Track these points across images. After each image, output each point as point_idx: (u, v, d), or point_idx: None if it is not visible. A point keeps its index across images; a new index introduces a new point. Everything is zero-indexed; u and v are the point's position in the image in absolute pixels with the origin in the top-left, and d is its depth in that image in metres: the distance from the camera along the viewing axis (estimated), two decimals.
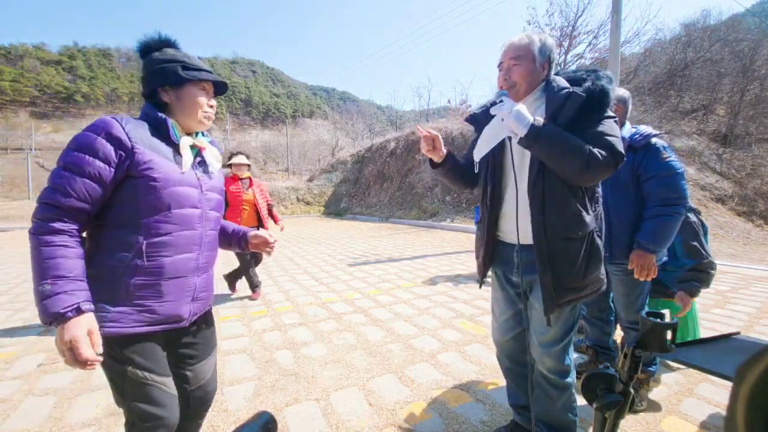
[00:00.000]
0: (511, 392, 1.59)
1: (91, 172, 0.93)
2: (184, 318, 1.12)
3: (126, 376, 1.00)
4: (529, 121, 1.17)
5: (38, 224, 0.91)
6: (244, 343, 2.72)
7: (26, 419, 1.82)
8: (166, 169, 1.03)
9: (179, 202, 1.06)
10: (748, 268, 5.08)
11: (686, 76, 14.53)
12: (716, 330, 2.88)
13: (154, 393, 1.03)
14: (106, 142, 0.95)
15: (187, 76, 1.08)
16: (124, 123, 0.99)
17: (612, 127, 1.19)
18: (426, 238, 9.05)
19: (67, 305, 0.87)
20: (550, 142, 1.15)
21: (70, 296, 0.88)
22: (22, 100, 61.59)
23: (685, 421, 1.74)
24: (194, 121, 1.13)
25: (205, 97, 1.14)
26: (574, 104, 1.17)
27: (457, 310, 3.45)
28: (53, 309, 0.86)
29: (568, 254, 1.22)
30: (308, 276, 4.98)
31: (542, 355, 1.36)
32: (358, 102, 78.65)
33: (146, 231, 1.01)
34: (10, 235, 11.16)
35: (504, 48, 1.30)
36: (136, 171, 0.98)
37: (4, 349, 2.66)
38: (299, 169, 33.66)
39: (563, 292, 1.24)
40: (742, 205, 9.58)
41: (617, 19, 6.74)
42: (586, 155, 1.12)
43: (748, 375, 0.29)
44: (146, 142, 1.01)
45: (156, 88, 1.08)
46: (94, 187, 0.94)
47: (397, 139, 18.06)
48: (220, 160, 1.25)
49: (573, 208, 1.21)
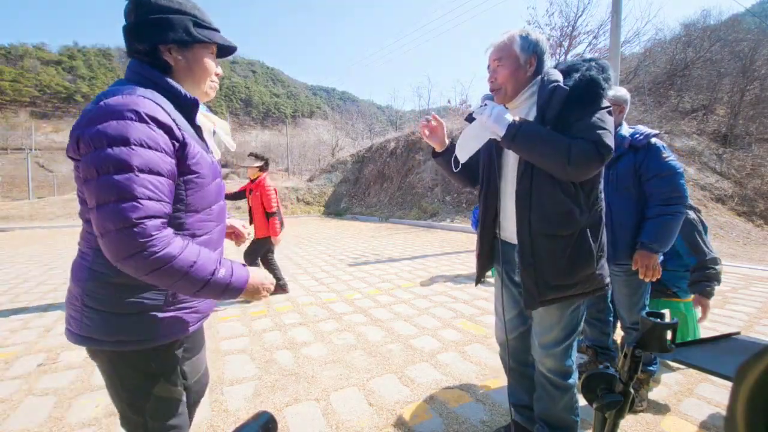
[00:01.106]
0: (512, 390, 1.59)
1: (168, 171, 0.79)
2: (211, 310, 1.11)
3: (152, 393, 0.92)
4: (507, 122, 1.17)
5: (154, 242, 0.73)
6: (244, 343, 2.72)
7: (26, 419, 1.82)
8: (205, 160, 0.90)
9: (216, 197, 0.96)
10: (748, 268, 5.08)
11: (686, 76, 14.53)
12: (716, 330, 2.88)
13: (176, 406, 0.98)
14: (161, 131, 0.78)
15: (200, 36, 0.88)
16: (163, 104, 0.82)
17: (602, 118, 1.15)
18: (426, 238, 9.05)
19: (241, 265, 0.91)
20: (528, 141, 1.14)
21: (232, 261, 0.90)
22: (22, 100, 61.59)
23: (685, 421, 1.74)
24: (200, 92, 0.95)
25: (214, 62, 0.95)
26: (559, 98, 1.15)
27: (457, 310, 3.45)
28: (244, 280, 0.88)
29: (553, 252, 1.21)
30: (308, 276, 4.97)
31: (543, 355, 1.35)
32: (358, 102, 78.66)
33: (192, 231, 0.90)
34: (11, 235, 11.16)
35: (488, 50, 1.29)
36: (185, 165, 0.84)
37: (4, 349, 2.66)
38: (299, 169, 33.66)
39: (546, 290, 1.22)
40: (742, 205, 9.58)
41: (617, 19, 6.75)
42: (565, 151, 1.10)
43: (748, 375, 0.29)
44: (186, 128, 0.86)
45: (157, 44, 0.85)
46: (171, 185, 0.81)
47: (397, 139, 18.07)
48: (229, 132, 1.10)
49: (562, 206, 1.19)
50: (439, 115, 1.74)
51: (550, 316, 1.30)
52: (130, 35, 0.86)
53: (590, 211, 1.23)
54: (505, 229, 1.39)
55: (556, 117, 1.15)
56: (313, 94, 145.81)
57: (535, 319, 1.37)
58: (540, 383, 1.41)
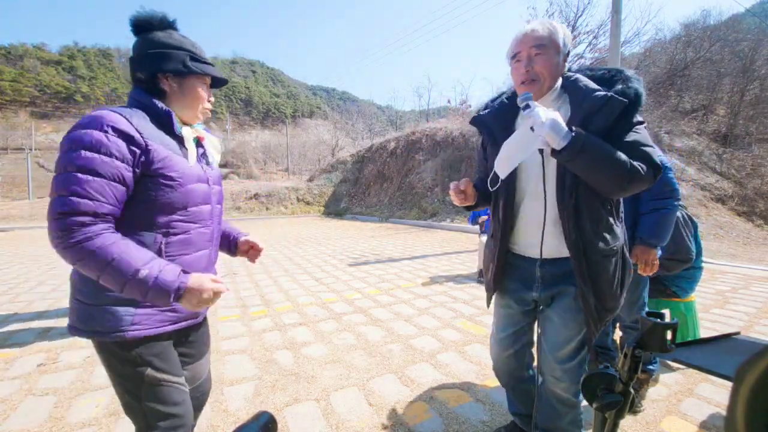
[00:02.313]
0: (511, 401, 1.56)
1: (112, 173, 0.85)
2: (200, 313, 1.13)
3: (143, 381, 0.97)
4: (567, 132, 1.01)
5: (73, 235, 0.81)
6: (244, 343, 2.72)
7: (26, 419, 1.82)
8: (180, 165, 0.98)
9: (194, 199, 1.02)
10: (748, 268, 5.08)
11: (686, 76, 14.52)
12: (716, 330, 2.88)
13: (173, 393, 1.02)
14: (117, 139, 0.86)
15: (194, 69, 1.01)
16: (130, 117, 0.90)
17: (645, 135, 1.08)
18: (426, 238, 9.04)
19: (177, 272, 0.87)
20: (594, 157, 1.01)
21: (172, 267, 0.88)
22: (22, 100, 61.56)
23: (685, 421, 1.74)
24: (192, 114, 1.07)
25: (206, 92, 1.08)
26: (613, 110, 1.03)
27: (457, 310, 3.44)
28: (171, 285, 0.85)
29: (607, 271, 1.13)
30: (308, 276, 4.97)
31: (559, 371, 1.24)
32: (358, 102, 78.62)
33: (164, 230, 0.97)
34: (11, 235, 11.16)
35: (521, 36, 1.14)
36: (151, 170, 0.92)
37: (4, 349, 2.66)
38: (299, 169, 33.67)
39: (604, 313, 1.15)
40: (742, 205, 9.58)
41: (617, 19, 6.75)
42: (628, 170, 1.01)
43: (748, 375, 0.29)
44: (156, 136, 0.94)
45: (156, 73, 0.99)
46: (120, 189, 0.87)
47: (397, 139, 18.06)
48: (219, 149, 1.19)
49: (606, 221, 1.13)
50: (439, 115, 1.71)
51: (569, 330, 1.21)
52: (133, 65, 1.00)
53: (622, 223, 1.20)
54: (520, 244, 1.28)
55: (602, 130, 1.05)
56: (313, 94, 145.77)
57: (548, 332, 1.26)
58: (547, 400, 1.32)
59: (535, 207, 1.20)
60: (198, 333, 1.21)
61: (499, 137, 1.22)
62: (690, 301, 2.34)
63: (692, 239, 2.14)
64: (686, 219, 2.13)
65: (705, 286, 4.07)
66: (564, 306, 1.21)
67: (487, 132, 1.33)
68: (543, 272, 1.23)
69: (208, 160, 1.14)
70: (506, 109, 1.29)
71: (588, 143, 1.00)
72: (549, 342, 1.26)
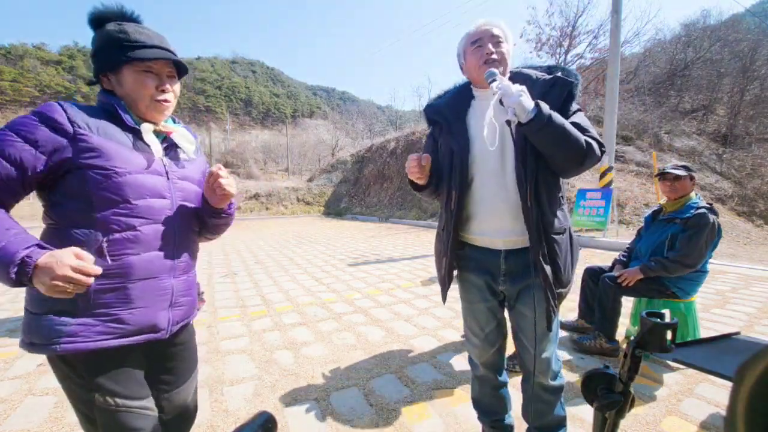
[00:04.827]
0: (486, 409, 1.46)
1: (10, 154, 0.80)
2: (161, 328, 0.98)
3: (95, 404, 0.88)
4: (534, 105, 1.02)
5: None
6: (244, 343, 2.72)
7: (26, 419, 1.82)
8: (119, 156, 0.89)
9: (139, 192, 0.92)
10: (748, 268, 5.08)
11: (686, 76, 14.54)
12: (716, 330, 2.88)
13: (132, 419, 0.90)
14: (40, 125, 0.83)
15: (122, 58, 0.91)
16: (67, 107, 0.87)
17: (585, 119, 1.15)
18: (426, 238, 9.04)
19: (28, 242, 0.74)
20: (557, 129, 1.03)
21: (25, 237, 0.75)
22: (22, 100, 61.53)
23: (685, 421, 1.74)
24: (144, 108, 0.96)
25: (153, 81, 0.95)
26: (562, 91, 1.10)
27: (457, 310, 3.44)
28: (12, 256, 0.70)
29: (561, 249, 1.17)
30: (308, 276, 4.97)
31: (541, 363, 1.26)
32: (358, 102, 78.62)
33: (105, 226, 0.88)
34: None
35: (482, 27, 1.19)
36: (81, 160, 0.86)
37: (4, 349, 2.66)
38: (299, 169, 33.67)
39: (561, 290, 1.21)
40: (742, 205, 9.58)
41: (617, 19, 6.75)
42: (584, 144, 1.06)
43: (748, 375, 0.29)
44: (96, 127, 0.89)
45: (98, 74, 0.95)
46: (9, 169, 0.80)
47: (397, 139, 18.08)
48: (193, 142, 1.09)
49: (559, 203, 1.18)
50: None
51: (543, 320, 1.22)
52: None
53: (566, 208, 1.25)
54: (479, 233, 1.25)
55: (556, 110, 1.08)
56: (313, 94, 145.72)
57: (525, 328, 1.26)
58: (536, 395, 1.31)
59: (493, 191, 1.19)
60: (177, 354, 1.08)
61: (453, 126, 1.26)
62: (690, 301, 2.34)
63: (709, 248, 2.16)
64: (716, 228, 2.16)
65: (705, 286, 4.05)
66: (534, 298, 1.20)
67: (441, 120, 1.31)
68: (508, 265, 1.23)
69: (178, 155, 1.06)
70: (459, 99, 1.32)
71: (553, 115, 1.03)
72: (529, 337, 1.25)
